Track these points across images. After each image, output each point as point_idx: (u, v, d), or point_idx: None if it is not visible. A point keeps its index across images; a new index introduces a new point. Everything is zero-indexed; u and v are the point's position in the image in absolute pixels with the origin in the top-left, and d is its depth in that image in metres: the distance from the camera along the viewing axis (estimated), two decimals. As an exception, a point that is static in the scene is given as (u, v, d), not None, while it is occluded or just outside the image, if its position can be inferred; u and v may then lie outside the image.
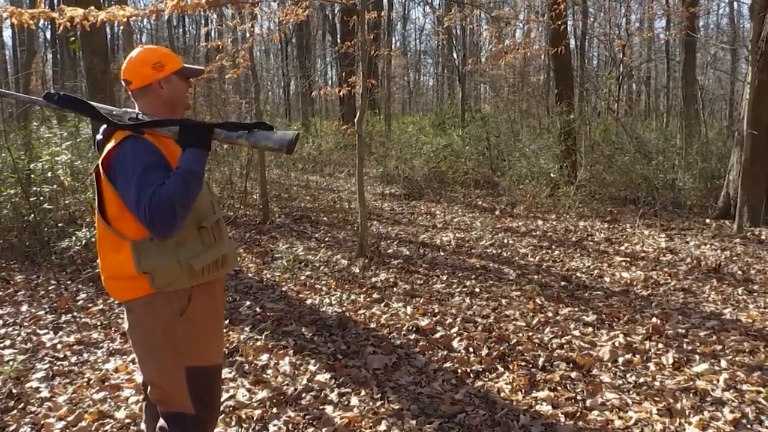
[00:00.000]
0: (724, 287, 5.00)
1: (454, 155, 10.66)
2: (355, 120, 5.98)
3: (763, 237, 6.81)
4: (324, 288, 4.91)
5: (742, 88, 7.58)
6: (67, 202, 6.26)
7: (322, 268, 5.54)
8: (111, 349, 3.71)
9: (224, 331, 3.90)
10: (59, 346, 3.76)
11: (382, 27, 18.20)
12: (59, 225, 5.93)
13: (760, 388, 3.13)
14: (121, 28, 5.53)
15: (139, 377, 2.85)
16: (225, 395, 3.03)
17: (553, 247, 6.37)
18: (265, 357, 3.52)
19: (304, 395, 3.06)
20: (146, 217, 1.71)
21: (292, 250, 6.17)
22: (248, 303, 4.50)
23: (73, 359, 3.58)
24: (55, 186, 6.04)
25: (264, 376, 3.28)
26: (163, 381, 1.92)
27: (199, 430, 1.94)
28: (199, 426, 1.93)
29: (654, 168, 9.10)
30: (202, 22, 21.63)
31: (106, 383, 3.23)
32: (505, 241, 6.68)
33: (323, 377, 3.25)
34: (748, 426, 2.78)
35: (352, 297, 4.66)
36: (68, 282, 5.10)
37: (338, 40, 17.54)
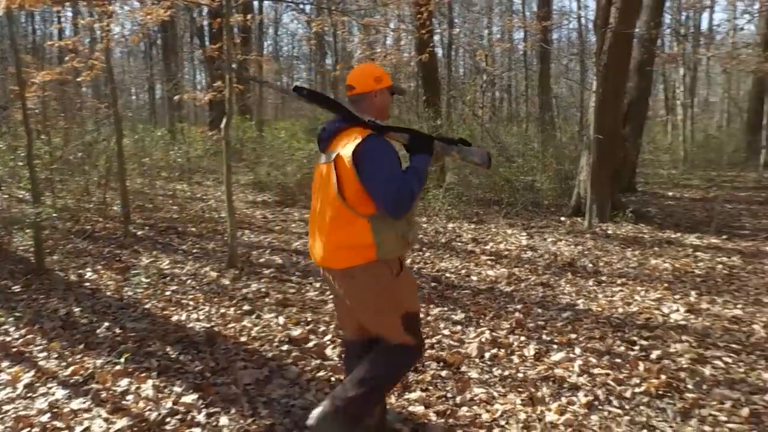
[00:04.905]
0: (578, 279, 5.41)
1: (327, 161, 10.64)
2: (222, 126, 5.76)
3: (609, 232, 7.46)
4: (191, 303, 4.68)
5: (589, 97, 8.26)
6: None
7: (189, 281, 5.28)
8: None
9: (78, 357, 3.61)
10: None
11: (252, 31, 17.84)
12: None
13: (609, 371, 3.41)
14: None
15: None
16: (78, 428, 2.78)
17: (424, 249, 6.55)
18: (125, 382, 3.27)
19: (168, 420, 2.88)
20: (392, 201, 2.20)
21: (156, 264, 5.82)
22: (107, 324, 4.17)
23: None
24: None
25: (123, 402, 3.05)
26: (386, 327, 2.41)
27: (417, 353, 2.49)
28: (417, 351, 2.48)
29: (515, 170, 9.67)
30: (54, 20, 19.94)
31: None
32: (378, 245, 6.76)
33: (190, 398, 3.08)
34: (600, 407, 3.01)
35: (222, 310, 4.48)
36: None
37: (206, 43, 16.91)
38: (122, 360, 3.51)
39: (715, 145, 14.22)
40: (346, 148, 2.28)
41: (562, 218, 8.40)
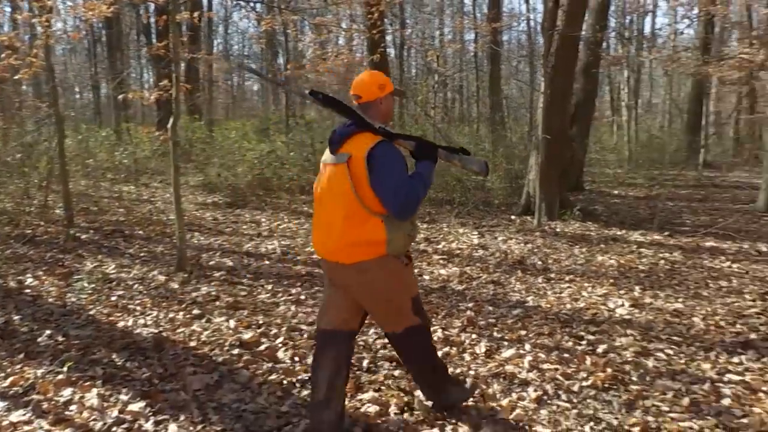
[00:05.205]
0: (527, 277, 5.52)
1: (278, 161, 10.54)
2: (169, 126, 5.63)
3: (557, 230, 7.64)
4: (138, 308, 4.55)
5: (538, 98, 8.44)
6: None
7: (136, 286, 5.13)
8: None
9: (18, 367, 3.46)
10: None
11: (200, 29, 17.50)
12: None
13: (558, 366, 3.48)
14: None
15: None
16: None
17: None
18: (68, 392, 3.15)
19: (114, 429, 2.79)
20: (400, 205, 2.39)
21: (101, 268, 5.64)
22: (48, 332, 4.01)
23: None
24: None
25: (66, 413, 2.93)
26: (397, 313, 2.63)
27: (426, 330, 2.76)
28: (425, 328, 2.75)
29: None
30: (-12, 15, 19.06)
31: None
32: (331, 246, 6.73)
33: (137, 406, 2.99)
34: (549, 402, 3.07)
35: (170, 315, 4.37)
36: None
37: (152, 41, 16.50)
38: (65, 369, 3.38)
39: (658, 145, 14.76)
40: (360, 150, 2.44)
41: (513, 217, 8.55)
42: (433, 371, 2.83)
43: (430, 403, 2.93)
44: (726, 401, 3.07)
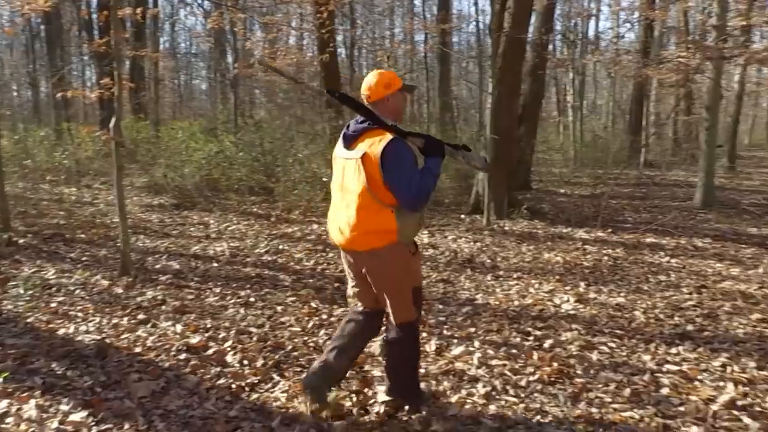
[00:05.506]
0: (477, 275, 5.60)
1: (227, 162, 10.36)
2: (110, 126, 5.46)
3: (506, 228, 7.78)
4: (80, 314, 4.39)
5: (486, 98, 8.57)
6: None
7: (77, 291, 4.95)
8: None
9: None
10: None
11: (145, 25, 17.03)
12: None
13: (506, 362, 3.55)
14: None
15: None
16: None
17: (327, 249, 6.53)
18: (4, 403, 3.00)
19: (54, 440, 2.69)
20: (412, 197, 2.59)
21: (40, 274, 5.42)
22: (-18, 341, 3.83)
23: None
24: None
25: (2, 426, 2.81)
26: (400, 297, 2.78)
27: (418, 326, 2.93)
28: (417, 323, 2.91)
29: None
30: None
31: None
32: (281, 247, 6.67)
33: (78, 416, 2.89)
34: (497, 397, 3.12)
35: (114, 321, 4.24)
36: None
37: (95, 37, 15.96)
38: (0, 380, 3.23)
39: (602, 144, 15.22)
40: (373, 147, 2.61)
41: (462, 216, 8.66)
42: (410, 370, 2.93)
43: (386, 399, 2.97)
44: (665, 390, 3.19)
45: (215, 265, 5.89)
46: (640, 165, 14.99)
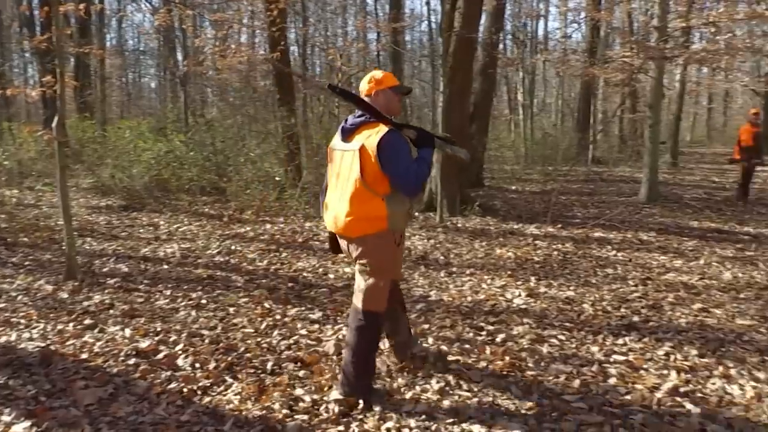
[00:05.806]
0: (430, 272, 5.65)
1: (177, 162, 10.14)
2: (53, 125, 5.27)
3: (459, 225, 7.88)
4: (23, 321, 4.23)
5: (438, 97, 8.65)
6: None
7: (20, 297, 4.77)
8: None
9: None
10: None
11: (90, 21, 16.50)
12: None
13: (459, 357, 3.59)
14: None
15: None
16: None
17: (281, 249, 6.48)
18: (-61, 415, 2.88)
19: (-6, 452, 2.58)
20: (411, 184, 2.78)
21: (-21, 279, 5.20)
22: None
23: None
24: None
25: (-62, 439, 2.69)
26: (377, 285, 2.90)
27: (382, 320, 3.03)
28: (382, 317, 3.02)
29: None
30: None
31: None
32: (233, 247, 6.58)
33: (21, 426, 2.78)
34: (451, 392, 3.15)
35: (59, 327, 4.10)
36: None
37: (36, 34, 15.36)
38: (-65, 391, 3.09)
39: (552, 142, 15.57)
40: (370, 140, 2.77)
41: (416, 213, 8.72)
42: (365, 363, 2.99)
43: (339, 397, 2.97)
44: (612, 380, 3.29)
45: (165, 267, 5.76)
46: (588, 162, 15.41)
